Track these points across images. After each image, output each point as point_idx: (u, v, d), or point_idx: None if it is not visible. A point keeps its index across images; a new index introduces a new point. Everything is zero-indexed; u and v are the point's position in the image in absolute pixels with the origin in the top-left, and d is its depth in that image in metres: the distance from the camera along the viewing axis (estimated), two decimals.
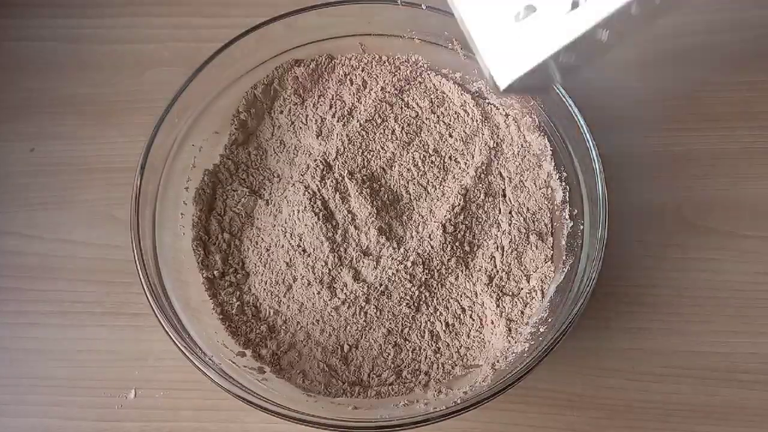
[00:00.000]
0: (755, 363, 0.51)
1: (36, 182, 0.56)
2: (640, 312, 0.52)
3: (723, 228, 0.54)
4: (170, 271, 0.47)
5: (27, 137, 0.57)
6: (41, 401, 0.49)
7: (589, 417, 0.49)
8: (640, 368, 0.50)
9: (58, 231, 0.54)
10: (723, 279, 0.53)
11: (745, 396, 0.50)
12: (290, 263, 0.49)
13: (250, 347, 0.47)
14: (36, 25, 0.61)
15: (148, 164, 0.47)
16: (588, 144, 0.47)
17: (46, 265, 0.53)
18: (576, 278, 0.45)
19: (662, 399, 0.50)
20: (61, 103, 0.58)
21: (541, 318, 0.46)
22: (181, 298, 0.46)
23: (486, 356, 0.47)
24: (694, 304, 0.52)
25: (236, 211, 0.51)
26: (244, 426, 0.49)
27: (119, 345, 0.51)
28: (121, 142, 0.56)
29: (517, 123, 0.53)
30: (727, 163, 0.56)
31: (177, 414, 0.49)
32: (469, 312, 0.49)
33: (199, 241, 0.50)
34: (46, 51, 0.60)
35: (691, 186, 0.55)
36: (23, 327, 0.51)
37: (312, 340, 0.48)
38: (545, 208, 0.51)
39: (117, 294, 0.52)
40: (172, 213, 0.49)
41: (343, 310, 0.48)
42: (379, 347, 0.48)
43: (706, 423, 0.49)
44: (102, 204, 0.55)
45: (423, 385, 0.47)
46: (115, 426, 0.49)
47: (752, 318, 0.52)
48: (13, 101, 0.58)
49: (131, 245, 0.45)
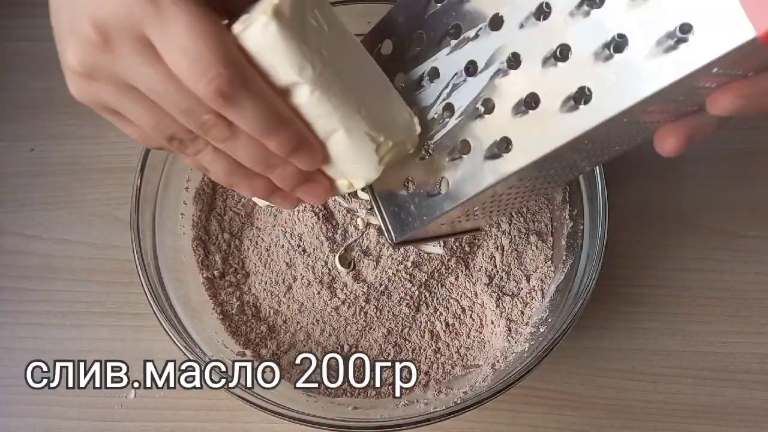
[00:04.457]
0: (755, 363, 0.51)
1: (36, 182, 0.56)
2: (640, 312, 0.52)
3: (723, 228, 0.54)
4: (170, 271, 0.47)
5: (27, 137, 0.57)
6: (41, 401, 0.49)
7: (589, 417, 0.49)
8: (640, 368, 0.50)
9: (58, 231, 0.54)
10: (723, 279, 0.53)
11: (745, 396, 0.50)
12: (290, 263, 0.49)
13: (250, 347, 0.47)
14: (36, 25, 0.61)
15: (148, 164, 0.47)
16: None
17: (46, 265, 0.53)
18: (576, 278, 0.45)
19: (662, 399, 0.50)
20: (61, 103, 0.58)
21: (541, 318, 0.46)
22: (181, 298, 0.46)
23: (486, 356, 0.47)
24: (694, 304, 0.52)
25: (236, 211, 0.51)
26: (244, 426, 0.49)
27: (119, 345, 0.51)
28: (121, 142, 0.56)
29: None
30: (727, 163, 0.56)
31: (177, 414, 0.49)
32: (469, 312, 0.49)
33: (199, 241, 0.50)
34: (46, 51, 0.59)
35: (691, 186, 0.55)
36: (23, 327, 0.52)
37: (312, 340, 0.48)
38: (545, 208, 0.51)
39: (117, 294, 0.52)
40: (172, 213, 0.49)
41: (343, 310, 0.48)
42: (379, 347, 0.48)
43: (706, 423, 0.49)
44: (102, 204, 0.55)
45: (423, 385, 0.47)
46: (115, 426, 0.49)
47: (752, 318, 0.52)
48: (13, 101, 0.58)
49: (131, 245, 0.45)
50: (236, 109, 0.28)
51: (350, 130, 0.31)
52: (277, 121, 0.29)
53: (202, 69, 0.26)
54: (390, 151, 0.32)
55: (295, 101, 0.29)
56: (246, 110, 0.28)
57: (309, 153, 0.31)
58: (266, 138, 0.29)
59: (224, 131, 0.29)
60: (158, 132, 0.30)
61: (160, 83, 0.28)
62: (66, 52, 0.28)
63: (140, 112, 0.29)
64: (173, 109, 0.28)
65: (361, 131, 0.31)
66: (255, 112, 0.28)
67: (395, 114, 0.33)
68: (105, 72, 0.28)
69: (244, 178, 0.32)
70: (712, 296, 0.52)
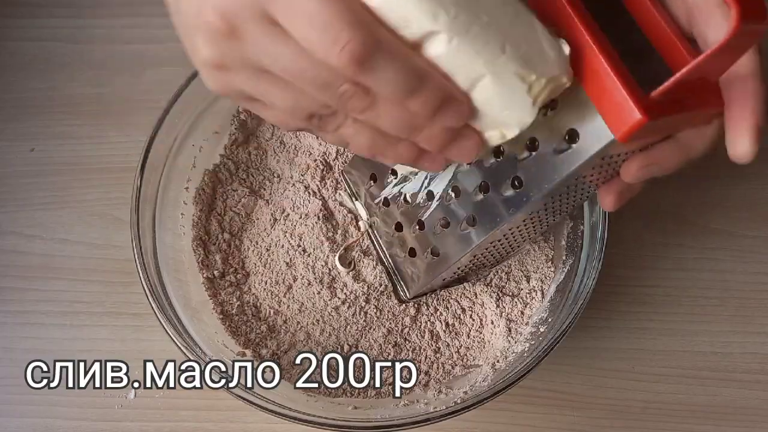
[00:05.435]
0: (755, 363, 0.51)
1: (36, 182, 0.56)
2: (640, 312, 0.52)
3: (723, 228, 0.54)
4: (170, 271, 0.47)
5: (27, 137, 0.57)
6: (41, 401, 0.49)
7: (589, 417, 0.49)
8: (640, 368, 0.50)
9: (58, 231, 0.54)
10: (723, 279, 0.53)
11: (745, 396, 0.50)
12: (290, 263, 0.49)
13: (250, 347, 0.47)
14: (36, 25, 0.61)
15: (148, 164, 0.47)
16: None
17: (46, 265, 0.53)
18: (576, 278, 0.45)
19: (662, 399, 0.50)
20: (61, 103, 0.58)
21: (541, 318, 0.46)
22: (181, 298, 0.46)
23: (486, 356, 0.47)
24: (694, 304, 0.52)
25: (236, 211, 0.51)
26: (244, 426, 0.49)
27: (119, 345, 0.51)
28: (121, 142, 0.56)
29: None
30: (727, 163, 0.56)
31: (177, 414, 0.49)
32: (469, 312, 0.49)
33: (199, 241, 0.50)
34: (46, 51, 0.60)
35: (691, 186, 0.55)
36: (23, 327, 0.51)
37: (312, 339, 0.48)
38: None
39: (117, 294, 0.52)
40: (172, 213, 0.49)
41: (343, 310, 0.48)
42: (379, 347, 0.48)
43: (706, 423, 0.49)
44: (102, 204, 0.55)
45: (423, 385, 0.47)
46: (115, 426, 0.49)
47: (752, 318, 0.52)
48: (13, 101, 0.58)
49: (131, 245, 0.45)
50: (373, 73, 0.26)
51: (497, 74, 0.28)
52: (417, 79, 0.27)
53: (332, 37, 0.25)
54: (544, 89, 0.30)
55: (432, 53, 0.27)
56: (383, 72, 0.27)
57: (455, 108, 0.29)
58: (408, 99, 0.28)
59: (364, 100, 0.28)
60: (297, 112, 0.29)
61: (292, 60, 0.27)
62: (196, 47, 0.28)
63: (277, 95, 0.29)
64: (309, 85, 0.27)
65: (510, 72, 0.28)
66: (393, 74, 0.27)
67: (543, 44, 0.29)
68: (237, 59, 0.28)
69: (388, 146, 0.31)
70: (712, 296, 0.52)
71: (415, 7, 0.26)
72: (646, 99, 0.29)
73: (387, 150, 0.31)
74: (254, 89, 0.29)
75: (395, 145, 0.31)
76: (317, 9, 0.25)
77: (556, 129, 0.33)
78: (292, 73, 0.27)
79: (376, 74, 0.27)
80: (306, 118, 0.30)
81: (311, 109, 0.29)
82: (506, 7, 0.29)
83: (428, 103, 0.28)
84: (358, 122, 0.30)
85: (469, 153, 0.32)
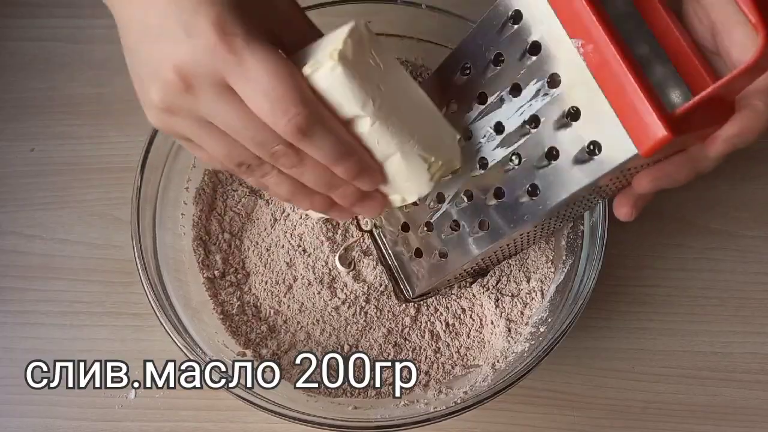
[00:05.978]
0: (755, 363, 0.51)
1: (36, 182, 0.56)
2: (640, 312, 0.52)
3: (723, 228, 0.54)
4: (170, 271, 0.47)
5: (27, 137, 0.57)
6: (41, 401, 0.49)
7: (589, 417, 0.49)
8: (640, 368, 0.50)
9: (58, 231, 0.54)
10: (723, 279, 0.53)
11: (745, 396, 0.50)
12: (290, 263, 0.49)
13: (250, 347, 0.47)
14: (36, 25, 0.61)
15: (148, 164, 0.47)
16: None
17: (46, 265, 0.53)
18: (576, 278, 0.45)
19: (662, 399, 0.50)
20: (61, 103, 0.58)
21: (541, 318, 0.46)
22: (182, 298, 0.46)
23: (486, 356, 0.47)
24: (694, 304, 0.52)
25: (236, 211, 0.51)
26: (244, 426, 0.49)
27: (119, 345, 0.51)
28: (121, 142, 0.56)
29: None
30: (727, 163, 0.55)
31: (177, 414, 0.49)
32: (469, 312, 0.49)
33: (199, 241, 0.50)
34: (46, 51, 0.60)
35: (691, 186, 0.55)
36: (23, 327, 0.51)
37: (312, 339, 0.48)
38: None
39: (117, 294, 0.52)
40: (172, 213, 0.49)
41: (343, 310, 0.48)
42: (379, 347, 0.48)
43: (706, 423, 0.49)
44: (102, 204, 0.55)
45: (423, 385, 0.47)
46: (115, 426, 0.49)
47: (752, 318, 0.52)
48: (13, 101, 0.58)
49: (131, 245, 0.45)
50: (311, 142, 0.32)
51: (406, 154, 0.35)
52: (345, 150, 0.33)
53: (283, 109, 0.30)
54: (440, 169, 0.37)
55: (358, 131, 0.33)
56: (319, 142, 0.32)
57: (371, 176, 0.35)
58: (335, 165, 0.33)
59: (293, 159, 0.33)
60: (228, 159, 0.33)
61: (239, 120, 0.31)
62: (149, 91, 0.32)
63: (214, 143, 0.33)
64: (246, 141, 0.32)
65: (415, 153, 0.35)
66: (327, 144, 0.32)
67: (443, 135, 0.37)
68: (185, 110, 0.32)
69: (306, 197, 0.36)
70: (712, 296, 0.52)
71: (350, 96, 0.32)
72: (671, 116, 0.30)
73: (303, 199, 0.36)
74: (194, 135, 0.33)
75: (312, 196, 0.36)
76: (272, 85, 0.30)
77: (578, 139, 0.33)
78: (234, 129, 0.32)
79: (313, 143, 0.32)
80: (236, 164, 0.34)
81: (242, 159, 0.33)
82: (419, 104, 0.36)
83: (350, 170, 0.34)
84: (282, 174, 0.34)
85: (374, 210, 0.38)
